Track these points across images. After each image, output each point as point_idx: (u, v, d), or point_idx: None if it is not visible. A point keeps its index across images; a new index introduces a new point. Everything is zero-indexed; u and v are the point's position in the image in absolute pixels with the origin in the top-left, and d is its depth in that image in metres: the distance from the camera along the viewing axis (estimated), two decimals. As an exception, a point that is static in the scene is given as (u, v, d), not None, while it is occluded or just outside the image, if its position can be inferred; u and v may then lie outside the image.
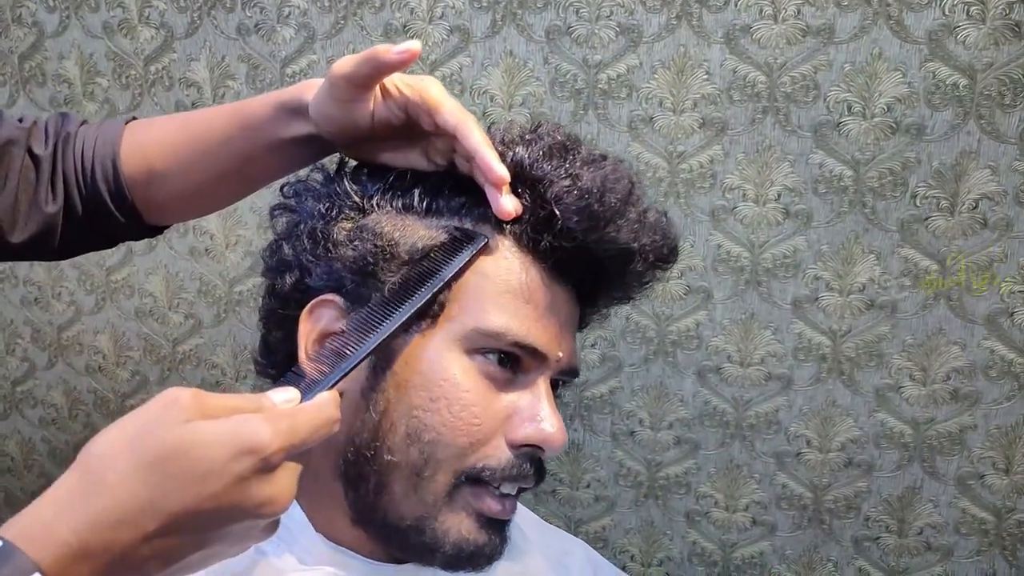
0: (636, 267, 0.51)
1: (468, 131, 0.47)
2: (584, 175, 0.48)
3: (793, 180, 0.81)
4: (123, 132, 0.58)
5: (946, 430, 0.84)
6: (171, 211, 0.60)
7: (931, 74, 0.76)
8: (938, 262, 0.80)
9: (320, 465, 0.50)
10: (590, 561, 0.62)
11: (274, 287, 0.52)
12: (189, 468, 0.35)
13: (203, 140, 0.56)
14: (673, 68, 0.82)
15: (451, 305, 0.48)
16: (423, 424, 0.47)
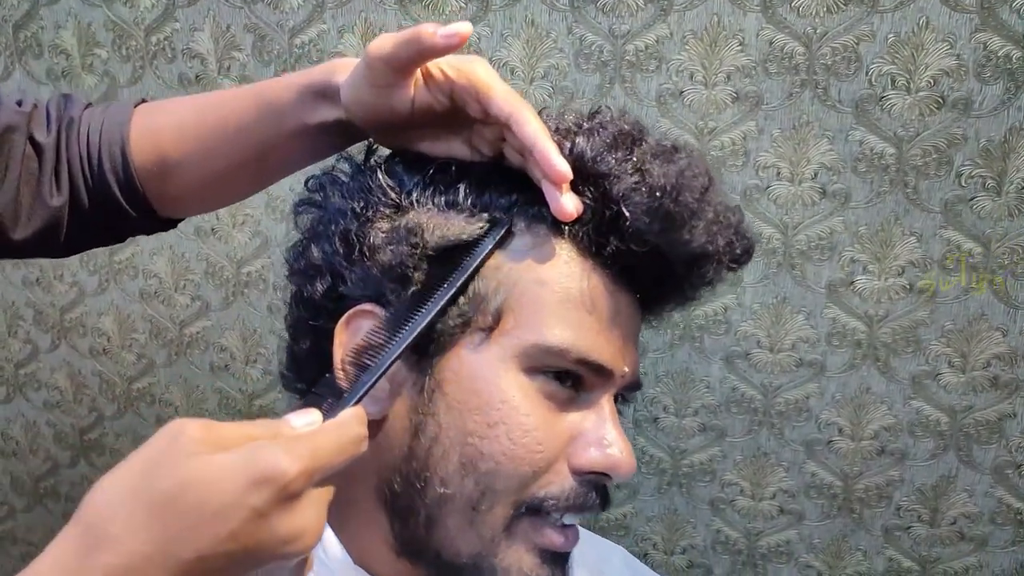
0: (708, 270, 0.46)
1: (524, 119, 0.41)
2: (655, 169, 0.43)
3: (831, 158, 0.77)
4: (132, 117, 0.53)
5: (984, 418, 0.81)
6: (186, 203, 0.55)
7: (982, 45, 0.71)
8: (982, 244, 0.76)
9: (360, 492, 0.45)
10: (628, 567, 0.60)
11: (302, 294, 0.47)
12: (200, 507, 0.31)
13: (220, 126, 0.51)
14: (705, 38, 0.77)
15: (506, 317, 0.43)
16: (479, 452, 0.42)
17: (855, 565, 0.89)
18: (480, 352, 0.43)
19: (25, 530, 1.21)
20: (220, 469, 0.32)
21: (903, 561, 0.87)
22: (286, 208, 0.94)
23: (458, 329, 0.43)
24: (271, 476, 0.32)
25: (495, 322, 0.43)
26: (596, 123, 0.45)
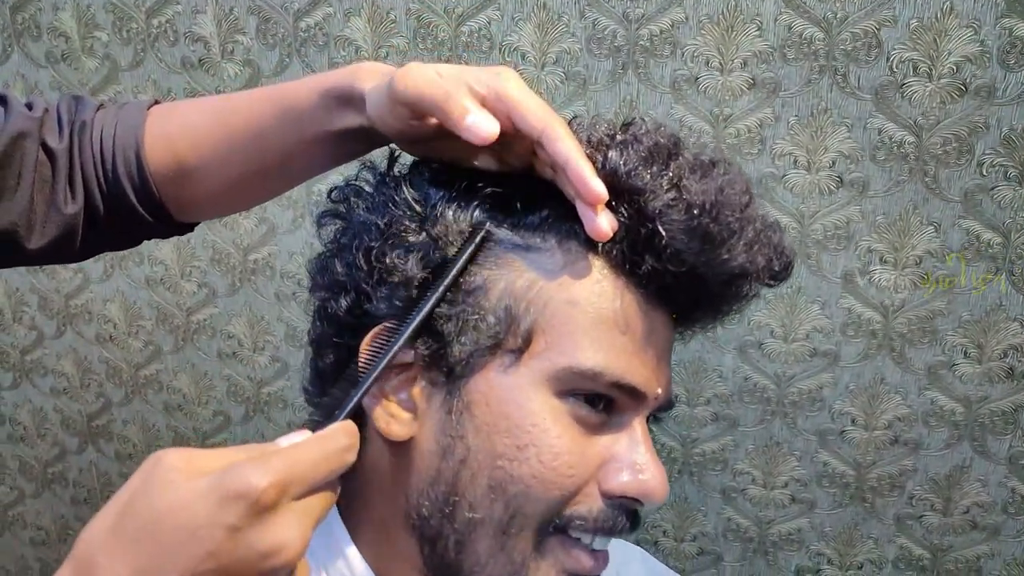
0: (746, 288, 0.44)
1: (556, 136, 0.40)
2: (692, 186, 0.41)
3: (849, 146, 0.76)
4: (146, 120, 0.52)
5: (1000, 408, 0.80)
6: (204, 208, 0.54)
7: (1007, 31, 0.69)
8: (1002, 235, 0.75)
9: (388, 514, 0.45)
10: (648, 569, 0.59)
11: (326, 309, 0.45)
12: (177, 531, 0.31)
13: (239, 131, 0.50)
14: (722, 23, 0.75)
15: (537, 339, 0.41)
16: (509, 476, 0.41)
17: (866, 553, 0.89)
18: (510, 374, 0.41)
19: (34, 514, 1.22)
20: (194, 492, 0.31)
21: (914, 549, 0.87)
22: (292, 195, 0.93)
23: (488, 351, 0.42)
24: (242, 492, 0.31)
25: (525, 344, 0.41)
26: (630, 135, 0.43)
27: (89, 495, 1.18)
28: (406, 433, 0.43)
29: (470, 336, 0.42)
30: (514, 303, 0.42)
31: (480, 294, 0.42)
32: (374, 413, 0.42)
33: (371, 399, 0.43)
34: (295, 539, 0.33)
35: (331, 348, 0.45)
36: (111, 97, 0.96)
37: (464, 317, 0.42)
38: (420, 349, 0.42)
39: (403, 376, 0.43)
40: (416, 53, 0.84)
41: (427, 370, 0.43)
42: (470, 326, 0.42)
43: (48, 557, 1.24)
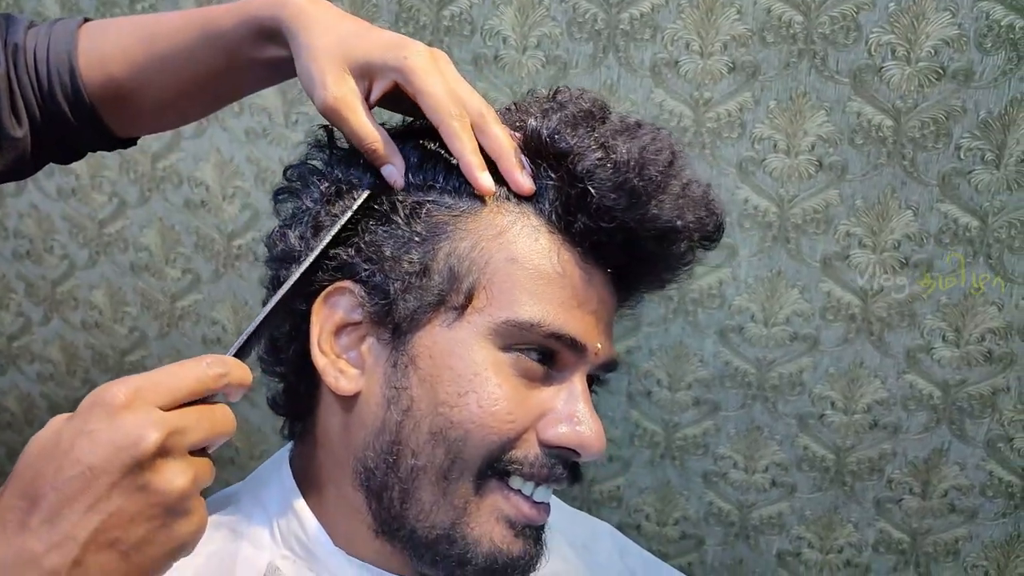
0: (679, 247, 0.46)
1: (449, 134, 0.44)
2: (619, 145, 0.43)
3: (828, 130, 0.76)
4: (78, 40, 0.53)
5: (977, 392, 0.81)
6: (141, 125, 0.56)
7: (984, 14, 0.70)
8: (979, 218, 0.75)
9: (339, 475, 0.46)
10: (616, 545, 0.60)
11: (279, 278, 0.48)
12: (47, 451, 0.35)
13: (168, 55, 0.52)
14: (701, 7, 0.75)
15: (479, 295, 0.43)
16: (449, 421, 0.43)
17: (846, 536, 0.89)
18: (453, 329, 0.44)
19: (23, 501, 1.22)
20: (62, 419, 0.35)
21: (894, 533, 0.88)
22: (276, 180, 0.93)
23: (432, 307, 0.44)
24: (96, 400, 0.34)
25: (468, 300, 0.44)
26: (556, 102, 0.46)
27: (77, 481, 1.18)
28: (354, 388, 0.44)
29: (415, 294, 0.44)
30: (457, 263, 0.44)
31: (427, 257, 0.44)
32: (324, 370, 0.44)
33: (321, 357, 0.44)
34: (148, 426, 0.34)
35: (285, 316, 0.46)
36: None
37: (409, 278, 0.44)
38: (368, 308, 0.44)
39: (352, 335, 0.45)
40: (398, 37, 0.84)
41: (374, 327, 0.45)
42: (415, 285, 0.44)
43: (37, 543, 1.25)
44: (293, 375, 0.48)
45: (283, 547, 0.46)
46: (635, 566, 0.59)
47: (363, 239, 0.45)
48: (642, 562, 0.60)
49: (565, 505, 0.61)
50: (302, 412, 0.49)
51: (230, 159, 0.94)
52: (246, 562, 0.45)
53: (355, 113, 0.45)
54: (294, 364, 0.47)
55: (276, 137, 0.92)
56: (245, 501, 0.49)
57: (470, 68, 0.83)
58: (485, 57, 0.82)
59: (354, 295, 0.45)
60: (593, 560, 0.56)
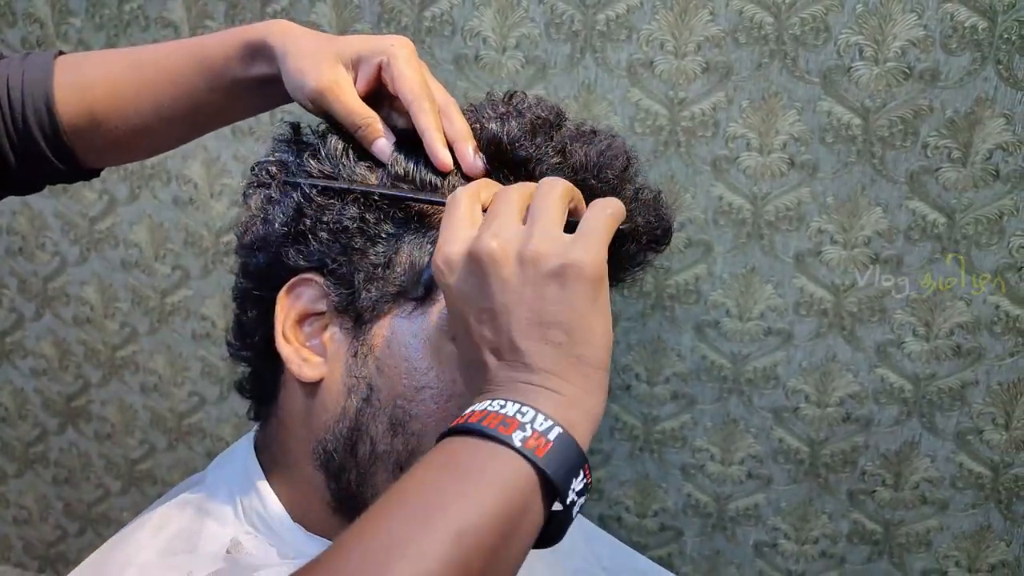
0: (628, 249, 0.48)
1: (420, 110, 0.46)
2: (576, 150, 0.46)
3: (799, 129, 0.78)
4: (54, 70, 0.53)
5: (947, 386, 0.82)
6: (112, 155, 0.57)
7: (948, 16, 0.71)
8: (947, 215, 0.77)
9: (299, 453, 0.48)
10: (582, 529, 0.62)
11: (247, 267, 0.50)
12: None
13: (152, 80, 0.53)
14: (676, 8, 0.77)
15: (436, 288, 0.45)
16: (408, 415, 0.45)
17: (821, 528, 0.91)
18: (412, 320, 0.45)
19: (17, 494, 1.24)
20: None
21: (867, 524, 0.89)
22: (263, 178, 0.94)
23: (392, 298, 0.46)
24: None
25: (426, 292, 0.45)
26: (512, 108, 0.48)
27: (70, 475, 1.20)
28: (317, 375, 0.46)
29: (377, 285, 0.46)
30: (419, 258, 0.46)
31: (391, 250, 0.46)
32: (288, 358, 0.46)
33: (285, 345, 0.46)
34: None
35: (252, 302, 0.49)
36: (86, 82, 0.98)
37: (374, 269, 0.46)
38: (332, 298, 0.46)
39: (315, 324, 0.47)
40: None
41: (337, 317, 0.47)
42: (379, 276, 0.46)
43: (30, 536, 1.27)
44: (259, 360, 0.50)
45: (246, 523, 0.48)
46: (601, 552, 0.61)
47: (337, 230, 0.47)
48: (609, 548, 0.62)
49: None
50: (267, 396, 0.51)
51: (217, 157, 0.96)
52: (211, 538, 0.47)
53: (347, 93, 0.48)
54: (260, 350, 0.49)
55: (263, 135, 0.94)
56: (211, 481, 0.51)
57: (451, 68, 0.85)
58: (466, 57, 0.84)
59: (319, 286, 0.47)
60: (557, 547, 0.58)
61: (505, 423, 0.35)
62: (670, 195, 0.83)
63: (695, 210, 0.83)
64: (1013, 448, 0.83)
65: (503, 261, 0.38)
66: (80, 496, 1.20)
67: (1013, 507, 0.84)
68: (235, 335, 0.52)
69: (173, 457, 1.13)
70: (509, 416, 0.35)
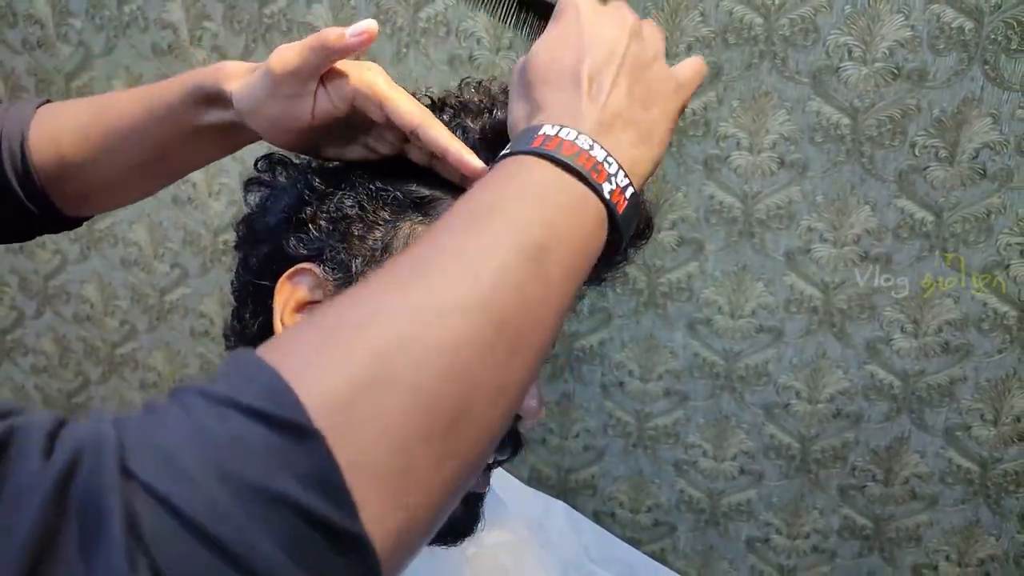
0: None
1: (431, 127, 0.46)
2: None
3: (789, 128, 0.79)
4: (32, 117, 0.54)
5: (936, 382, 0.83)
6: (89, 203, 0.57)
7: (935, 17, 0.72)
8: (934, 214, 0.78)
9: None
10: (571, 521, 0.63)
11: (247, 260, 0.51)
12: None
13: (115, 128, 0.53)
14: (667, 9, 0.78)
15: None
16: None
17: (812, 523, 0.92)
18: None
19: (17, 491, 1.25)
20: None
21: (858, 519, 0.90)
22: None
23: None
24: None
25: None
26: (502, 99, 0.49)
27: (70, 472, 1.21)
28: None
29: (374, 269, 0.48)
30: (415, 240, 0.48)
31: (388, 236, 0.48)
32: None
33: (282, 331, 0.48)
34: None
35: (251, 294, 0.50)
36: (86, 83, 0.99)
37: (372, 254, 0.48)
38: (330, 286, 0.48)
39: (311, 310, 0.48)
40: (376, 39, 0.87)
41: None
42: (377, 261, 0.48)
43: (31, 532, 1.28)
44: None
45: None
46: (588, 543, 0.62)
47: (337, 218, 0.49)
48: (596, 539, 0.63)
49: (522, 486, 0.64)
50: None
51: (216, 157, 0.97)
52: None
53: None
54: (258, 340, 0.51)
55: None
56: None
57: (446, 68, 0.86)
58: (460, 58, 0.85)
59: (316, 276, 0.48)
60: (546, 537, 0.59)
61: (597, 168, 0.37)
62: (662, 194, 0.84)
63: (687, 209, 0.84)
64: (1001, 444, 0.84)
65: (646, 47, 0.43)
66: (80, 492, 1.22)
67: (1002, 502, 0.85)
68: (233, 327, 0.53)
69: (172, 454, 1.15)
70: (599, 161, 0.38)
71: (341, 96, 0.47)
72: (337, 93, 0.47)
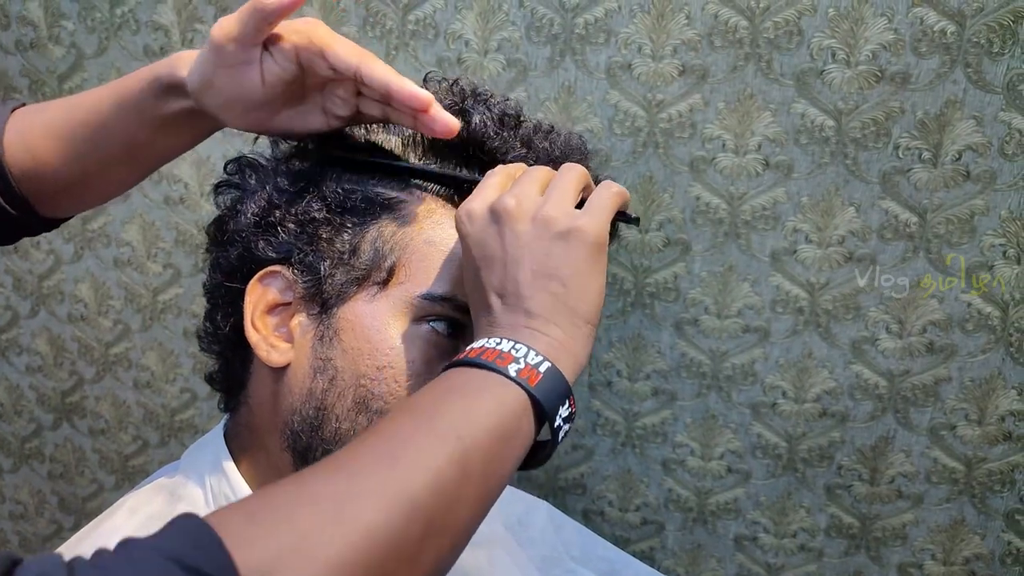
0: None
1: (371, 65, 0.46)
2: (539, 143, 0.50)
3: (774, 130, 0.79)
4: (7, 120, 0.55)
5: (921, 382, 0.84)
6: (62, 202, 0.58)
7: (918, 20, 0.73)
8: (918, 215, 0.79)
9: (269, 440, 0.50)
10: (552, 519, 0.64)
11: (219, 261, 0.52)
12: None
13: (84, 124, 0.54)
14: (653, 12, 0.79)
15: (399, 272, 0.48)
16: (371, 393, 0.47)
17: (799, 522, 0.93)
18: (374, 303, 0.48)
19: (12, 489, 1.26)
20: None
21: (844, 517, 0.91)
22: (252, 178, 0.96)
23: (356, 283, 0.49)
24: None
25: (388, 276, 0.49)
26: (481, 100, 0.50)
27: (65, 470, 1.22)
28: (284, 360, 0.49)
29: (343, 271, 0.49)
30: (382, 244, 0.49)
31: (356, 238, 0.49)
32: (257, 344, 0.48)
33: (254, 333, 0.49)
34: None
35: (223, 295, 0.51)
36: (78, 84, 0.99)
37: (340, 256, 0.49)
38: (299, 288, 0.49)
39: (283, 313, 0.50)
40: (366, 41, 0.87)
41: (304, 304, 0.50)
42: (345, 263, 0.49)
43: (26, 531, 1.28)
44: (229, 350, 0.53)
45: (215, 507, 0.50)
46: (570, 540, 0.63)
47: (304, 221, 0.49)
48: (577, 537, 0.64)
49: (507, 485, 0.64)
50: (237, 386, 0.53)
51: (207, 158, 0.98)
52: None
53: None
54: (231, 341, 0.52)
55: (249, 137, 0.95)
56: (183, 467, 0.53)
57: (435, 70, 0.86)
58: (448, 60, 0.86)
59: (286, 278, 0.50)
60: (526, 535, 0.60)
61: (501, 357, 0.40)
62: (648, 195, 0.84)
63: (673, 210, 0.85)
64: (986, 443, 0.84)
65: (519, 217, 0.43)
66: (74, 491, 1.22)
67: (987, 501, 0.86)
68: (206, 329, 0.54)
69: (165, 452, 1.15)
70: (504, 352, 0.40)
71: (285, 55, 0.47)
72: (281, 54, 0.47)
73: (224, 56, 0.47)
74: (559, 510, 0.66)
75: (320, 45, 0.46)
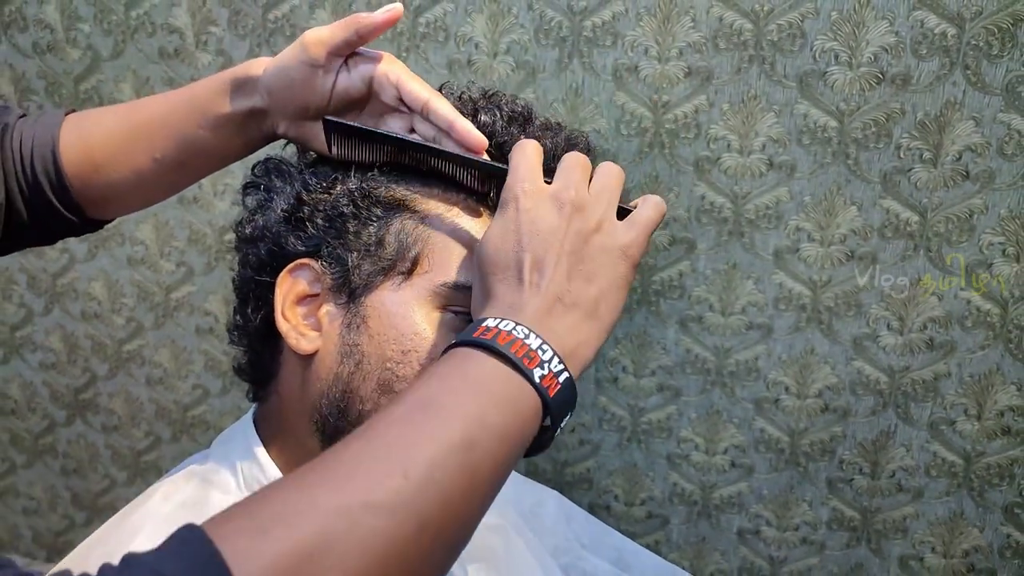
0: None
1: (439, 102, 0.50)
2: (547, 140, 0.52)
3: (777, 131, 0.81)
4: (62, 123, 0.57)
5: (921, 378, 0.86)
6: (112, 204, 0.60)
7: (919, 23, 0.74)
8: (919, 214, 0.80)
9: (297, 425, 0.52)
10: (562, 510, 0.65)
11: (248, 258, 0.54)
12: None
13: (142, 123, 0.56)
14: (659, 15, 0.80)
15: (423, 262, 0.51)
16: (395, 376, 0.49)
17: (801, 515, 0.94)
18: (399, 291, 0.51)
19: (26, 484, 1.28)
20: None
21: (846, 511, 0.93)
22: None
23: (383, 272, 0.51)
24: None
25: (413, 266, 0.51)
26: (493, 102, 0.54)
27: (78, 466, 1.23)
28: (313, 347, 0.51)
29: (369, 262, 0.51)
30: (405, 237, 0.51)
31: (382, 231, 0.52)
32: (287, 333, 0.50)
33: (284, 323, 0.51)
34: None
35: (253, 290, 0.53)
36: (94, 86, 1.01)
37: (367, 248, 0.51)
38: (327, 280, 0.52)
39: (311, 304, 0.52)
40: (377, 43, 0.89)
41: (332, 294, 0.52)
42: (371, 255, 0.51)
43: (39, 526, 1.30)
44: (258, 342, 0.55)
45: (247, 491, 0.52)
46: (580, 531, 0.64)
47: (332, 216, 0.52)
48: (588, 527, 0.65)
49: (517, 475, 0.66)
50: (266, 376, 0.55)
51: (220, 158, 0.99)
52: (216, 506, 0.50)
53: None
54: (261, 333, 0.54)
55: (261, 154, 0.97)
56: (215, 455, 0.55)
57: (444, 72, 0.88)
58: (459, 62, 0.87)
59: (314, 270, 0.52)
60: (539, 524, 0.62)
61: (529, 356, 0.40)
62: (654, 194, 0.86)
63: (679, 209, 0.86)
64: (984, 437, 0.86)
65: (586, 218, 0.45)
66: (87, 486, 1.24)
67: (985, 494, 0.88)
68: (236, 324, 0.56)
69: (177, 448, 1.17)
70: (532, 349, 0.40)
71: (361, 75, 0.52)
72: (358, 72, 0.52)
73: (309, 57, 0.51)
74: (568, 501, 0.69)
75: (397, 75, 0.51)
